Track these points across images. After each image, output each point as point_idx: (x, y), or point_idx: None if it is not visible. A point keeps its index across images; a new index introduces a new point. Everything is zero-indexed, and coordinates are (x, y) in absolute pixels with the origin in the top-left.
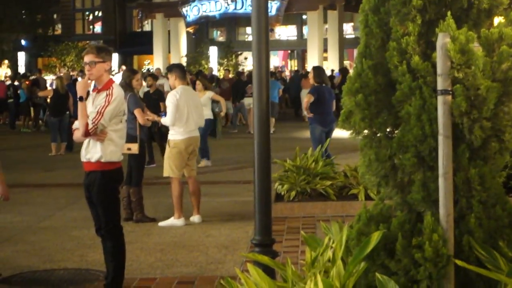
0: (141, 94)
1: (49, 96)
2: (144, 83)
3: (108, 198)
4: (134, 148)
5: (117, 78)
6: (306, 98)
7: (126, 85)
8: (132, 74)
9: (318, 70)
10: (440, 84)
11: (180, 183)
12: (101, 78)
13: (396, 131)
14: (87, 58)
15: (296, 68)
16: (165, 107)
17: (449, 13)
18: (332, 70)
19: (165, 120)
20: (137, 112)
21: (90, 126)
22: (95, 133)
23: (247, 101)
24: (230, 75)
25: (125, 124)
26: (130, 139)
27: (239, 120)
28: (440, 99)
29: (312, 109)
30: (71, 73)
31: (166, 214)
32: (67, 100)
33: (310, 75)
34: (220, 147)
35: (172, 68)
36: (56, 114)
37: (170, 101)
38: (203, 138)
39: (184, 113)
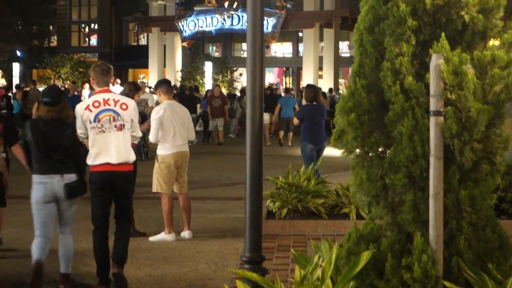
0: None
1: (34, 108)
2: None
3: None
4: None
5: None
6: (294, 119)
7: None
8: (137, 90)
9: (309, 89)
10: (433, 105)
11: (169, 198)
12: None
13: (388, 151)
14: None
15: (290, 86)
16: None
17: (443, 34)
18: (331, 89)
19: (149, 137)
20: None
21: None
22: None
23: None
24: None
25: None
26: None
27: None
28: (432, 120)
29: (303, 127)
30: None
31: (157, 229)
32: None
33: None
34: (212, 163)
35: (158, 84)
36: None
37: (153, 117)
38: None
39: (169, 129)
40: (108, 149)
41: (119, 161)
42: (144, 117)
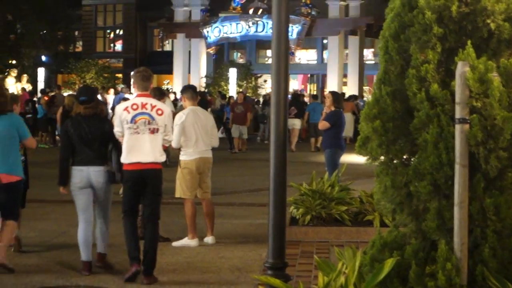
0: None
1: (59, 113)
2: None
3: None
4: None
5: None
6: (321, 125)
7: None
8: (161, 96)
9: (337, 95)
10: (458, 113)
11: (192, 203)
12: None
13: (412, 159)
14: None
15: (315, 92)
16: None
17: (469, 42)
18: (355, 96)
19: (172, 142)
20: None
21: None
22: None
23: (290, 122)
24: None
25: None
26: None
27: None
28: (457, 127)
29: (332, 134)
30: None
31: (180, 234)
32: None
33: (329, 100)
34: (237, 169)
35: (183, 89)
36: None
37: (176, 122)
38: None
39: (192, 134)
40: (141, 149)
41: (150, 160)
42: None
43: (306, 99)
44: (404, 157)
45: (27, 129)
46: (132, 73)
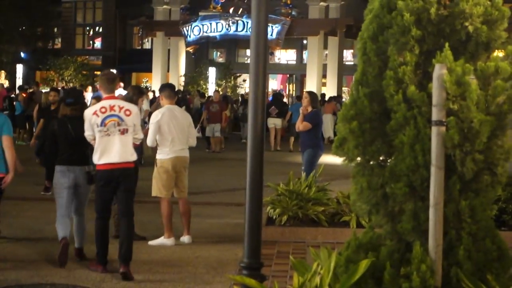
0: None
1: (35, 110)
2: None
3: None
4: None
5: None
6: (302, 126)
7: (132, 103)
8: (140, 94)
9: (314, 95)
10: (435, 115)
11: (169, 203)
12: None
13: (389, 160)
14: None
15: (293, 93)
16: None
17: (447, 44)
18: (323, 95)
19: (147, 140)
20: None
21: None
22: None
23: (270, 121)
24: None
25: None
26: None
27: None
28: (434, 130)
29: (312, 134)
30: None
31: (156, 233)
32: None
33: (306, 100)
34: (214, 168)
35: (161, 88)
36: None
37: (151, 121)
38: None
39: (167, 133)
40: (112, 150)
41: (121, 160)
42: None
43: (285, 100)
44: (381, 158)
45: (10, 127)
46: (98, 76)
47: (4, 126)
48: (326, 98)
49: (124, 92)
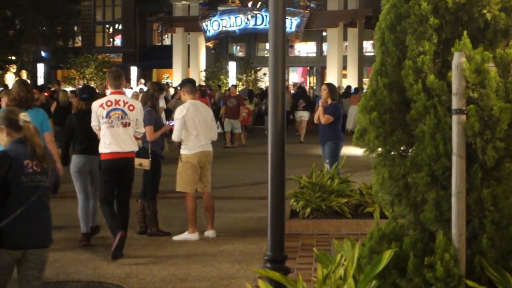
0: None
1: (53, 107)
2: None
3: None
4: (146, 164)
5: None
6: (324, 119)
7: (151, 99)
8: (160, 90)
9: (333, 86)
10: (455, 104)
11: (193, 198)
12: None
13: (410, 150)
14: None
15: (314, 85)
16: None
17: (465, 32)
18: (349, 87)
19: (172, 136)
20: (147, 129)
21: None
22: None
23: (299, 114)
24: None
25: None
26: (144, 152)
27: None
28: (454, 118)
29: (333, 126)
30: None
31: (181, 229)
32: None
33: (325, 92)
34: (236, 162)
35: (183, 83)
36: (58, 124)
37: (176, 116)
38: None
39: (192, 128)
40: (116, 140)
41: (123, 150)
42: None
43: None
44: (402, 148)
45: (49, 124)
46: (106, 73)
47: (44, 123)
48: (351, 89)
49: (145, 88)
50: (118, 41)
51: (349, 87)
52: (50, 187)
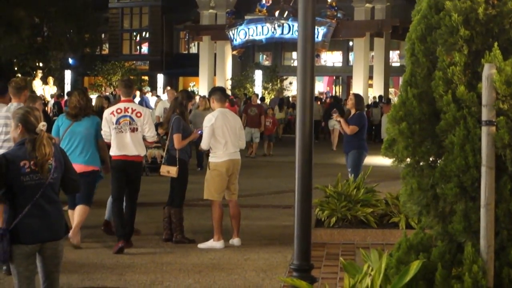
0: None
1: None
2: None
3: None
4: (173, 171)
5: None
6: (350, 129)
7: (180, 106)
8: (189, 99)
9: (359, 97)
10: (485, 115)
11: (220, 206)
12: None
13: (439, 161)
14: None
15: (337, 94)
16: None
17: (496, 44)
18: (380, 97)
19: (201, 144)
20: (175, 137)
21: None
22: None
23: (332, 123)
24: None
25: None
26: (172, 160)
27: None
28: (484, 129)
29: (357, 136)
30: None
31: (206, 236)
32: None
33: (351, 102)
34: (263, 171)
35: (212, 91)
36: None
37: (205, 124)
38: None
39: (221, 136)
40: (123, 145)
41: (131, 154)
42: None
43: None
44: (431, 159)
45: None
46: (118, 82)
47: (98, 129)
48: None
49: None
50: (145, 48)
51: (380, 97)
52: (55, 183)
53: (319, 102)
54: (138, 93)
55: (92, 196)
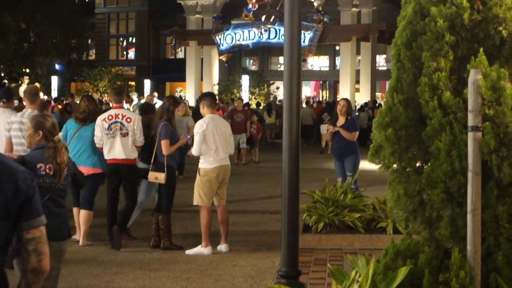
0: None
1: None
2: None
3: None
4: (161, 177)
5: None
6: (352, 135)
7: (166, 112)
8: (176, 104)
9: (350, 102)
10: (471, 121)
11: (209, 212)
12: None
13: (425, 167)
14: None
15: (326, 98)
16: None
17: (481, 49)
18: (374, 101)
19: (192, 150)
20: (163, 143)
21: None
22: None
23: (324, 127)
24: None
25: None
26: (159, 166)
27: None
28: (470, 135)
29: (356, 141)
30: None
31: (194, 242)
32: None
33: (344, 108)
34: (250, 177)
35: (202, 96)
36: None
37: (196, 130)
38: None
39: (212, 142)
40: (116, 148)
41: (122, 157)
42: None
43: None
44: (417, 165)
45: None
46: (109, 90)
47: None
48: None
49: (160, 102)
50: (131, 54)
51: (375, 101)
52: (64, 189)
53: (312, 105)
54: (135, 97)
55: (94, 198)
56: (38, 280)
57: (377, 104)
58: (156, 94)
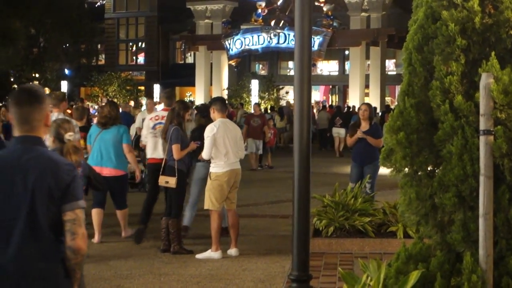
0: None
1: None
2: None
3: None
4: (172, 182)
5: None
6: (378, 142)
7: (177, 117)
8: (186, 109)
9: (371, 106)
10: (483, 124)
11: (219, 216)
12: None
13: (437, 170)
14: None
15: (336, 103)
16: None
17: (493, 53)
18: (387, 106)
19: (203, 154)
20: (174, 147)
21: None
22: None
23: (335, 131)
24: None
25: None
26: (170, 170)
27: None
28: (482, 139)
29: (376, 146)
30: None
31: (204, 247)
32: None
33: (366, 113)
34: (260, 181)
35: (213, 101)
36: None
37: (207, 134)
38: None
39: (222, 146)
40: (159, 148)
41: (159, 157)
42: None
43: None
44: (429, 169)
45: (128, 137)
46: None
47: (124, 135)
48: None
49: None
50: (141, 59)
51: (387, 106)
52: None
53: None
54: (132, 103)
55: (126, 197)
56: (74, 256)
57: (380, 111)
58: (149, 100)
